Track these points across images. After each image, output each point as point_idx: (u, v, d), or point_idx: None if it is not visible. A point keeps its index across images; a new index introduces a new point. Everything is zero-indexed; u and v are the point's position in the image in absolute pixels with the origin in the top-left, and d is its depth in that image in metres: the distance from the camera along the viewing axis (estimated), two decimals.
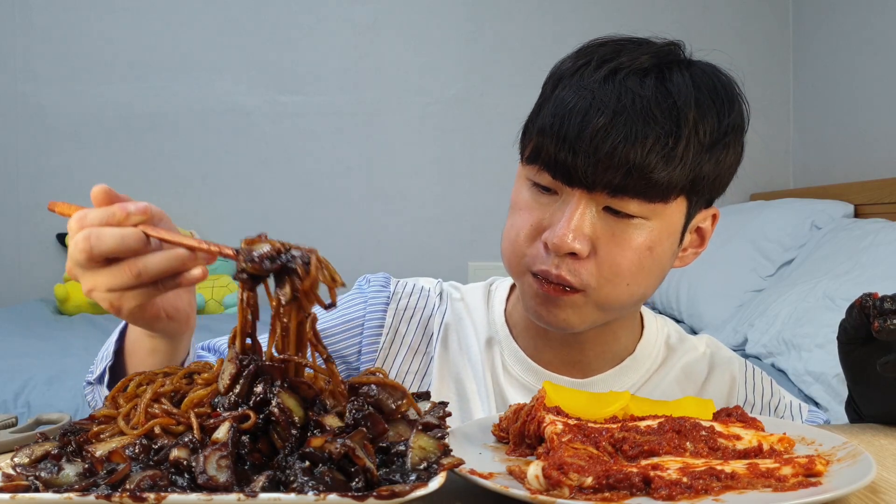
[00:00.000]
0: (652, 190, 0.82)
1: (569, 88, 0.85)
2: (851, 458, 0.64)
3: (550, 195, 0.86)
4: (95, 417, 0.63)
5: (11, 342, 2.34)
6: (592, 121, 0.81)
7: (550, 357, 0.98)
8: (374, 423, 0.60)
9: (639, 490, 0.58)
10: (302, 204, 3.41)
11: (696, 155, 0.83)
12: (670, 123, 0.81)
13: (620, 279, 0.85)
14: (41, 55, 3.28)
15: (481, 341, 1.00)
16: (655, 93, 0.82)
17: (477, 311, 1.03)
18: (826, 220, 2.65)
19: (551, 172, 0.84)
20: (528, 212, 0.88)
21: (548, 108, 0.85)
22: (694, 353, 1.02)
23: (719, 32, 3.47)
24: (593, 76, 0.84)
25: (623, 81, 0.83)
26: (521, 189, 0.90)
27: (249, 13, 3.38)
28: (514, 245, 0.89)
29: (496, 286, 1.06)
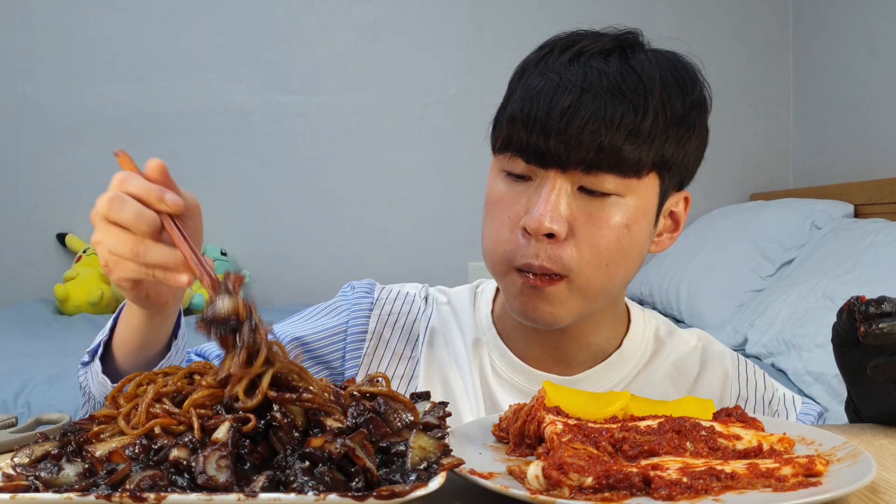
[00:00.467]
0: (624, 164, 0.83)
1: (535, 75, 0.86)
2: (851, 458, 0.64)
3: (525, 182, 0.87)
4: (95, 417, 0.63)
5: (11, 342, 2.34)
6: (560, 100, 0.82)
7: (538, 355, 0.97)
8: (376, 428, 0.60)
9: (639, 490, 0.58)
10: (302, 204, 3.40)
11: (665, 129, 0.84)
12: (637, 97, 0.83)
13: (601, 259, 0.85)
14: (41, 55, 3.28)
15: (468, 343, 0.99)
16: (620, 69, 0.84)
17: (464, 313, 1.03)
18: (826, 220, 2.65)
19: (524, 157, 0.85)
20: (504, 204, 0.87)
21: (515, 96, 0.86)
22: (685, 346, 1.01)
23: (719, 32, 3.47)
24: (558, 60, 0.86)
25: (587, 62, 0.85)
26: (495, 183, 0.90)
27: (249, 13, 3.38)
28: (496, 241, 0.88)
29: (482, 288, 1.06)
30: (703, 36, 3.46)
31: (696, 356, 1.01)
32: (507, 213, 0.87)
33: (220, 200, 3.37)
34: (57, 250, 3.28)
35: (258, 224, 3.40)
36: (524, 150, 0.84)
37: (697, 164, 0.94)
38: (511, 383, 0.97)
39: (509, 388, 0.96)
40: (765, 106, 3.50)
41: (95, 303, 2.99)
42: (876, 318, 0.76)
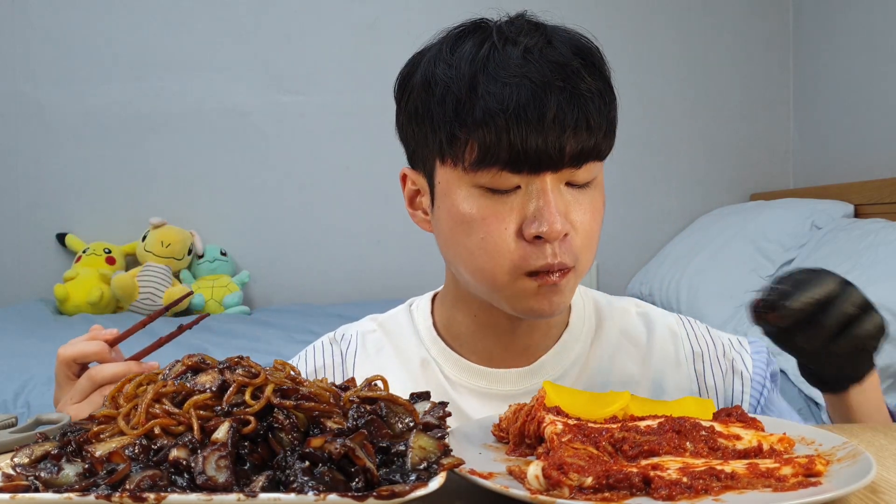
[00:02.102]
0: (604, 151, 0.86)
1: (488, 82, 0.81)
2: (851, 457, 0.64)
3: (510, 194, 0.84)
4: (95, 417, 0.63)
5: (11, 342, 2.34)
6: (546, 102, 0.80)
7: (496, 352, 0.97)
8: (377, 429, 0.60)
9: (639, 490, 0.58)
10: (302, 204, 3.40)
11: (612, 102, 0.87)
12: (598, 82, 0.85)
13: (593, 243, 0.88)
14: (41, 55, 3.28)
15: (414, 365, 0.98)
16: (571, 59, 0.84)
17: (403, 337, 1.01)
18: (826, 220, 2.65)
19: (513, 168, 0.82)
20: (495, 219, 0.84)
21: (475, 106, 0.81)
22: (627, 315, 1.01)
23: (719, 32, 3.47)
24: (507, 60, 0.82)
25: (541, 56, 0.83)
26: (469, 201, 0.85)
27: (249, 13, 3.38)
28: (498, 255, 0.84)
29: (416, 305, 1.04)
30: (704, 36, 3.47)
31: (641, 322, 1.01)
32: (503, 226, 0.84)
33: (220, 200, 3.37)
34: (57, 250, 3.28)
35: (258, 224, 3.40)
36: (515, 160, 0.81)
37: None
38: (474, 390, 0.95)
39: (474, 395, 0.95)
40: (765, 106, 3.50)
41: (95, 303, 2.99)
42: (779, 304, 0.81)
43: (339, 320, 2.73)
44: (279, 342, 2.42)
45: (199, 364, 0.65)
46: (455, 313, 0.99)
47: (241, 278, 3.26)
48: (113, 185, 3.30)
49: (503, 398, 0.94)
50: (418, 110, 0.87)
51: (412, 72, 0.91)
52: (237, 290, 3.19)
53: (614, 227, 3.43)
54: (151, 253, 3.15)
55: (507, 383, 0.96)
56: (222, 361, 0.65)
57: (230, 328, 2.68)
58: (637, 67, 3.46)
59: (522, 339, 0.96)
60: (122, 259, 3.21)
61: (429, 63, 0.88)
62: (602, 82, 0.85)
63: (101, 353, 0.93)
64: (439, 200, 0.89)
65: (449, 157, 0.85)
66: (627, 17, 3.46)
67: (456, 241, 0.88)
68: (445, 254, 0.93)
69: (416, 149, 0.91)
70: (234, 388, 0.60)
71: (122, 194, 3.31)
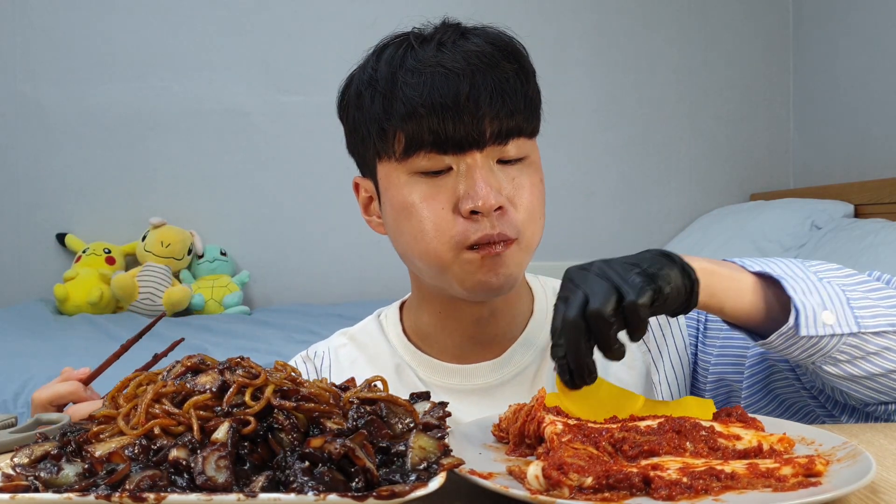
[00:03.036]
0: (527, 127, 0.90)
1: (406, 73, 0.87)
2: (851, 458, 0.64)
3: (444, 175, 0.88)
4: (95, 417, 0.63)
5: (11, 342, 2.34)
6: (460, 85, 0.85)
7: (466, 346, 0.99)
8: (377, 429, 0.60)
9: (639, 490, 0.58)
10: (302, 204, 3.40)
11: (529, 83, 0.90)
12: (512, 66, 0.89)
13: (536, 215, 0.91)
14: (41, 55, 3.28)
15: (389, 372, 1.00)
16: (484, 47, 0.89)
17: (373, 346, 1.04)
18: (826, 220, 2.65)
19: (442, 149, 0.86)
20: (433, 200, 0.88)
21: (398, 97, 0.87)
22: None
23: (719, 32, 3.47)
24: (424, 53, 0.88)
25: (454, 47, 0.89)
26: (407, 188, 0.89)
27: (249, 13, 3.38)
28: (439, 233, 0.88)
29: (384, 314, 1.07)
30: (704, 36, 3.47)
31: None
32: (440, 206, 0.88)
33: (220, 200, 3.37)
34: (56, 250, 3.28)
35: (258, 224, 3.40)
36: (439, 143, 0.86)
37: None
38: (448, 388, 0.98)
39: (449, 393, 0.97)
40: (765, 106, 3.50)
41: (95, 303, 2.99)
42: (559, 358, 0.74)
43: (338, 320, 2.74)
44: (279, 342, 2.42)
45: (198, 365, 0.65)
46: (421, 315, 1.01)
47: (241, 278, 3.26)
48: (113, 185, 3.30)
49: (478, 392, 0.97)
50: (356, 119, 0.94)
51: (347, 89, 0.98)
52: (237, 290, 3.19)
53: (614, 226, 3.43)
54: (151, 253, 3.15)
55: (479, 377, 0.98)
56: (223, 362, 0.65)
57: (230, 328, 2.68)
58: (637, 67, 3.46)
59: (489, 329, 0.98)
60: (121, 259, 3.21)
61: (358, 76, 0.95)
62: (517, 64, 0.89)
63: (76, 393, 0.95)
64: (383, 196, 0.94)
65: (383, 152, 0.91)
66: (627, 18, 3.46)
67: (401, 230, 0.91)
68: (397, 247, 0.96)
69: (361, 157, 0.97)
70: (234, 389, 0.60)
71: (121, 194, 3.31)
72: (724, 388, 0.98)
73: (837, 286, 0.80)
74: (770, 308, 0.81)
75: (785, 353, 0.80)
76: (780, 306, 0.80)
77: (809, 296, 0.77)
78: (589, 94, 3.45)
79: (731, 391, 0.98)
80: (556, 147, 3.29)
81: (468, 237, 0.87)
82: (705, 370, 0.99)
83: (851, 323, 0.77)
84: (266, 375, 0.62)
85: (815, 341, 0.77)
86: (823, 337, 0.77)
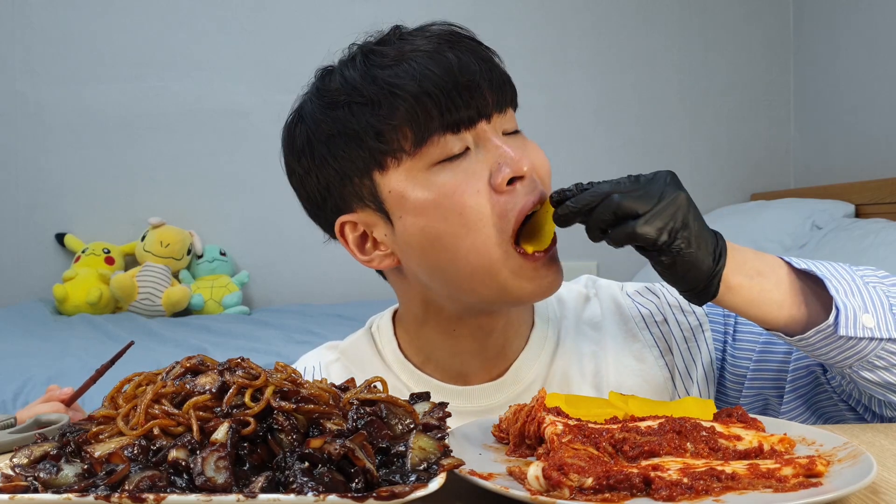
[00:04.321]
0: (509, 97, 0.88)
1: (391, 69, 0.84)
2: (852, 458, 0.64)
3: (463, 159, 0.83)
4: (94, 418, 0.63)
5: (10, 342, 2.34)
6: (446, 60, 0.83)
7: (472, 363, 0.94)
8: (377, 430, 0.60)
9: (639, 491, 0.58)
10: None
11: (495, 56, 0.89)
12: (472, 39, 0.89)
13: (548, 175, 0.89)
14: (41, 55, 3.28)
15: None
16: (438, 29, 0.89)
17: (367, 363, 0.98)
18: (827, 220, 2.65)
19: (451, 128, 0.82)
20: (465, 182, 0.82)
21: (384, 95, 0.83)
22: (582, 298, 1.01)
23: (719, 32, 3.47)
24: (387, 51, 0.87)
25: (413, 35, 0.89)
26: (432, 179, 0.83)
27: (249, 13, 3.38)
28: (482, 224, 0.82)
29: (377, 326, 1.01)
30: (704, 36, 3.46)
31: (594, 302, 1.00)
32: (473, 187, 0.82)
33: (219, 200, 3.37)
34: (56, 250, 3.28)
35: (258, 224, 3.39)
36: (451, 125, 0.82)
37: None
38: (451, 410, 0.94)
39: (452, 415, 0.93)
40: (765, 106, 3.50)
41: (94, 303, 2.99)
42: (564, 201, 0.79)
43: (338, 320, 2.74)
44: (279, 342, 2.42)
45: (198, 366, 0.65)
46: (423, 331, 0.95)
47: (241, 278, 3.26)
48: (112, 185, 3.30)
49: (481, 413, 0.91)
50: (328, 149, 0.88)
51: (293, 134, 0.95)
52: (237, 290, 3.18)
53: None
54: (150, 253, 3.15)
55: (482, 398, 0.93)
56: (222, 363, 0.64)
57: (229, 328, 2.68)
58: (637, 67, 3.46)
59: (496, 341, 0.94)
60: (121, 259, 3.21)
61: (311, 115, 0.91)
62: (476, 41, 0.89)
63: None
64: (398, 212, 0.85)
65: (388, 157, 0.84)
66: (627, 18, 3.46)
67: (435, 238, 0.83)
68: (426, 265, 0.86)
69: (340, 190, 0.90)
70: (234, 390, 0.60)
71: (121, 194, 3.31)
72: (762, 401, 0.96)
73: (882, 292, 0.80)
74: (810, 306, 0.81)
75: (821, 353, 0.80)
76: (822, 305, 0.80)
77: (851, 297, 0.77)
78: (589, 94, 3.45)
79: (768, 403, 0.95)
80: (557, 147, 3.29)
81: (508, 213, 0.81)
82: (739, 383, 0.96)
83: (892, 328, 0.77)
84: (266, 376, 0.62)
85: (854, 343, 0.77)
86: (862, 339, 0.77)
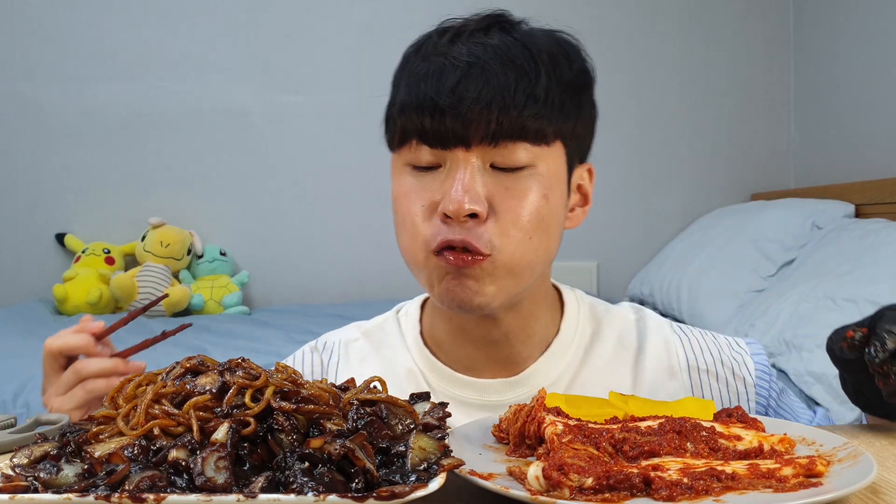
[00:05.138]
0: (529, 131, 0.81)
1: (417, 62, 0.85)
2: (852, 458, 0.64)
3: (433, 172, 0.84)
4: (94, 418, 0.63)
5: (10, 342, 2.34)
6: (448, 78, 0.81)
7: (481, 361, 0.94)
8: (377, 430, 0.60)
9: (639, 491, 0.58)
10: (302, 204, 3.40)
11: (559, 95, 0.83)
12: (527, 62, 0.82)
13: (524, 233, 0.83)
14: (40, 55, 3.28)
15: (398, 375, 0.95)
16: (503, 41, 0.83)
17: (387, 346, 0.98)
18: (827, 220, 2.65)
19: (427, 143, 0.82)
20: (416, 195, 0.84)
21: (401, 86, 0.85)
22: (624, 321, 0.98)
23: (719, 32, 3.47)
24: (438, 43, 0.85)
25: (469, 39, 0.84)
26: (401, 179, 0.87)
27: (249, 13, 3.38)
28: (412, 233, 0.84)
29: (405, 311, 1.01)
30: (704, 36, 3.46)
31: (634, 329, 0.97)
32: (420, 203, 0.84)
33: (219, 200, 3.37)
34: (56, 250, 3.28)
35: (258, 224, 3.39)
36: (424, 136, 0.82)
37: (592, 135, 0.93)
38: (456, 399, 0.92)
39: (459, 405, 0.91)
40: (765, 106, 3.50)
41: (94, 303, 2.99)
42: (886, 364, 0.72)
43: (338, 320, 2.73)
44: (279, 342, 2.42)
45: (198, 366, 0.65)
46: (435, 319, 0.96)
47: (241, 278, 3.26)
48: (112, 185, 3.30)
49: (491, 408, 0.91)
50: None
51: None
52: (237, 291, 3.18)
53: (614, 227, 3.42)
54: (151, 253, 3.15)
55: (493, 393, 0.93)
56: (223, 363, 0.64)
57: (229, 328, 2.68)
58: (637, 67, 3.46)
59: (502, 349, 0.93)
60: (121, 259, 3.21)
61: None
62: (533, 63, 0.82)
63: (87, 347, 0.90)
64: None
65: (388, 143, 0.89)
66: (627, 18, 3.45)
67: (394, 224, 0.88)
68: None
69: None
70: (234, 391, 0.60)
71: (121, 194, 3.31)
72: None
73: None
74: None
75: None
76: None
77: None
78: None
79: None
80: None
81: (435, 241, 0.82)
82: None
83: None
84: (266, 377, 0.62)
85: None
86: None
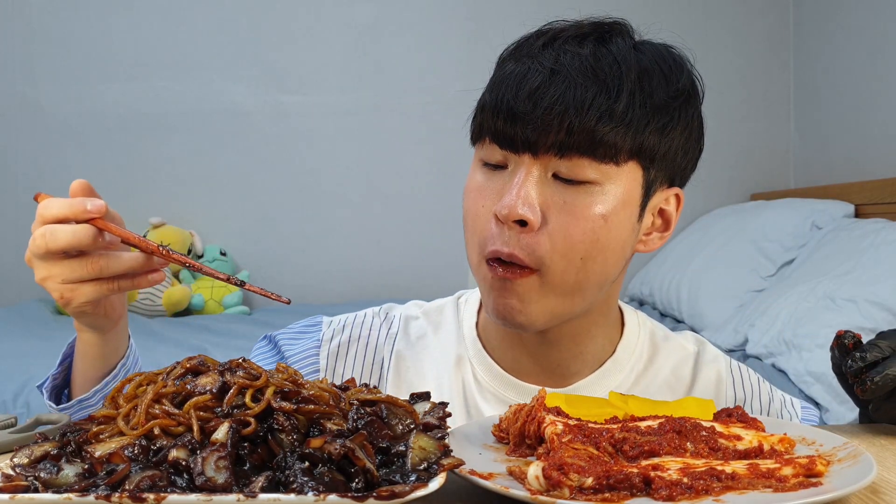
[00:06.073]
0: (599, 148, 0.79)
1: (510, 62, 0.86)
2: (852, 458, 0.64)
3: (501, 171, 0.84)
4: (95, 418, 0.63)
5: (11, 342, 2.34)
6: (528, 83, 0.80)
7: (528, 366, 0.93)
8: (377, 430, 0.60)
9: (639, 490, 0.58)
10: (302, 204, 3.40)
11: (642, 115, 0.81)
12: (610, 78, 0.80)
13: (574, 252, 0.80)
14: (41, 55, 3.28)
15: (449, 360, 0.94)
16: (595, 53, 0.82)
17: (444, 330, 0.98)
18: (827, 219, 2.65)
19: (498, 143, 0.83)
20: (481, 193, 0.84)
21: (489, 84, 0.86)
22: (682, 352, 0.97)
23: (719, 32, 3.47)
24: (533, 46, 0.85)
25: (562, 46, 0.83)
26: (474, 174, 0.87)
27: (249, 13, 3.38)
28: (472, 231, 0.85)
29: (465, 298, 1.01)
30: (704, 36, 3.46)
31: (691, 361, 0.97)
32: (482, 202, 0.84)
33: (219, 200, 3.37)
34: None
35: (258, 224, 3.39)
36: (496, 136, 0.82)
37: (689, 160, 0.90)
38: (499, 397, 0.92)
39: (498, 403, 0.91)
40: (765, 106, 3.50)
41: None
42: (865, 371, 0.77)
43: None
44: None
45: (198, 366, 0.65)
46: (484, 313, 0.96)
47: (241, 278, 3.26)
48: (112, 185, 3.30)
49: None
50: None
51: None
52: (237, 290, 3.19)
53: None
54: None
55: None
56: (223, 363, 0.64)
57: (230, 328, 2.68)
58: None
59: (552, 360, 0.92)
60: None
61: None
62: (619, 80, 0.80)
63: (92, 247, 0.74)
64: None
65: (470, 130, 0.89)
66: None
67: (462, 216, 0.88)
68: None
69: None
70: (234, 391, 0.60)
71: (121, 194, 3.30)
72: None
73: None
74: None
75: None
76: None
77: None
78: None
79: None
80: None
81: (486, 247, 0.83)
82: None
83: None
84: (267, 377, 0.62)
85: None
86: None
